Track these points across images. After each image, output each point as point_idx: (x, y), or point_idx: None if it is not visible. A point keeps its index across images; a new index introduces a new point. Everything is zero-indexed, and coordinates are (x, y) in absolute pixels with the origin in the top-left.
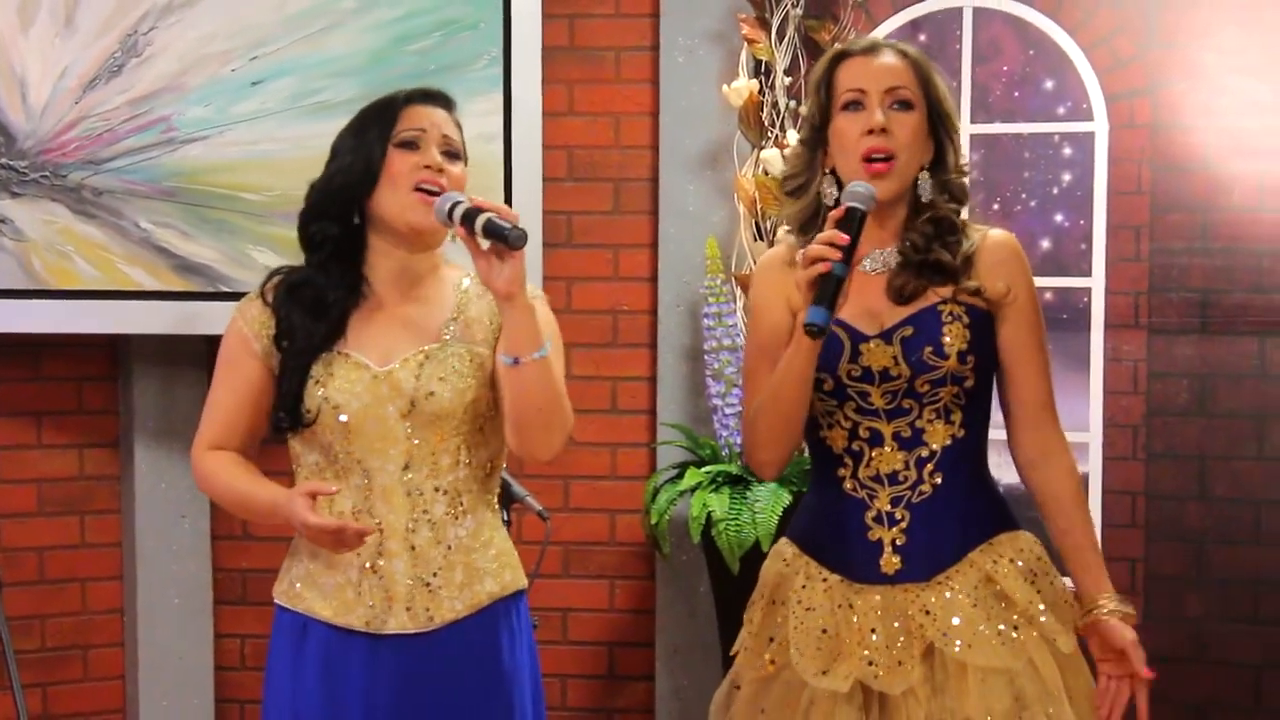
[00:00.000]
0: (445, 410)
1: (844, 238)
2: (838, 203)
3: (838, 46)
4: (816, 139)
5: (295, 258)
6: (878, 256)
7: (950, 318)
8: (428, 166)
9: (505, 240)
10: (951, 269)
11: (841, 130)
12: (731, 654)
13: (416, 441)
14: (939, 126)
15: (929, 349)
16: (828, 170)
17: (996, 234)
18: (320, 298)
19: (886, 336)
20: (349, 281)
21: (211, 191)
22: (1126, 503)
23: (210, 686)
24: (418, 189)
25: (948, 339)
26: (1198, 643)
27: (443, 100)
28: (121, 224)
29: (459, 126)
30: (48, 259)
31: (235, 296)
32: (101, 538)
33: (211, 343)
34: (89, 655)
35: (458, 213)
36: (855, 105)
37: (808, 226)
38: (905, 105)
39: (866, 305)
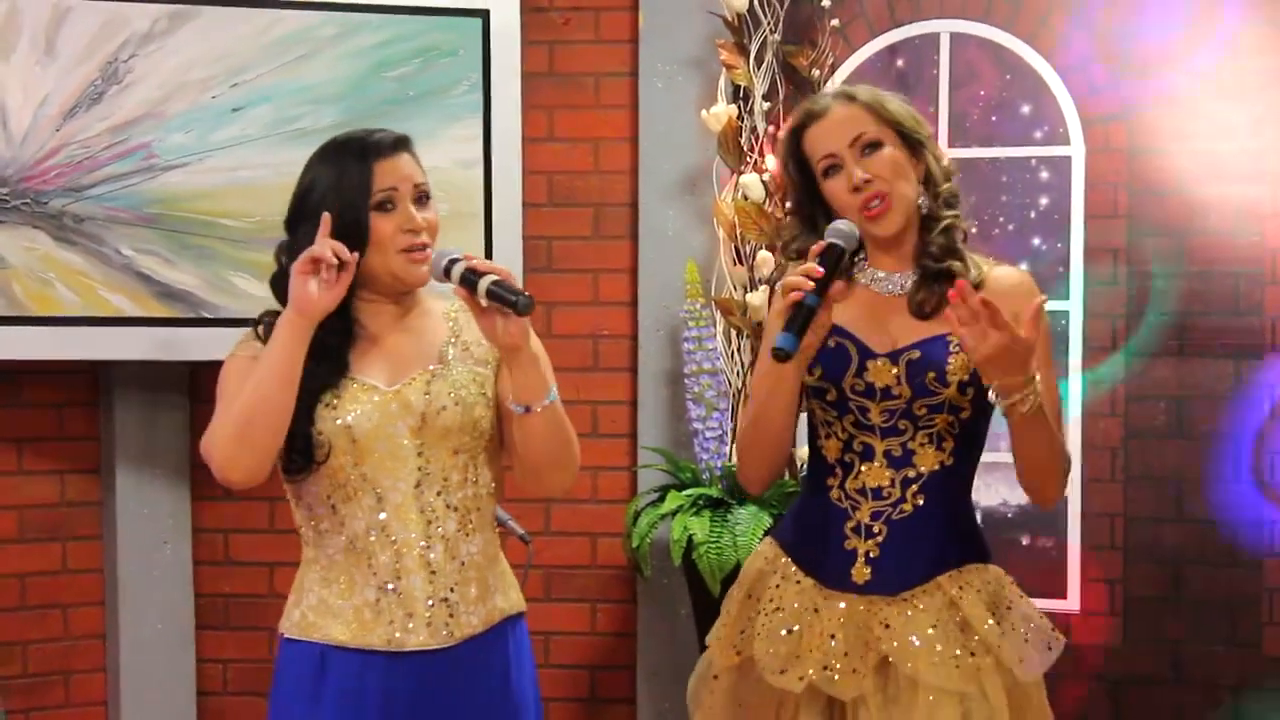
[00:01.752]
0: (455, 425)
1: (819, 271)
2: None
3: (790, 121)
4: (809, 207)
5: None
6: (895, 280)
7: (958, 348)
8: (410, 230)
9: (515, 309)
10: (965, 277)
11: (832, 194)
12: (707, 641)
13: (426, 459)
14: (914, 145)
15: (932, 374)
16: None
17: (1008, 271)
18: (318, 342)
19: (894, 357)
20: (341, 325)
21: (192, 218)
22: (1105, 524)
23: (193, 712)
24: (405, 252)
25: (951, 367)
26: (1175, 664)
27: (404, 144)
28: (103, 251)
29: (418, 161)
30: (29, 286)
31: (216, 323)
32: (83, 563)
33: (194, 369)
34: (71, 681)
35: (455, 272)
36: (834, 169)
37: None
38: (874, 146)
39: (882, 325)
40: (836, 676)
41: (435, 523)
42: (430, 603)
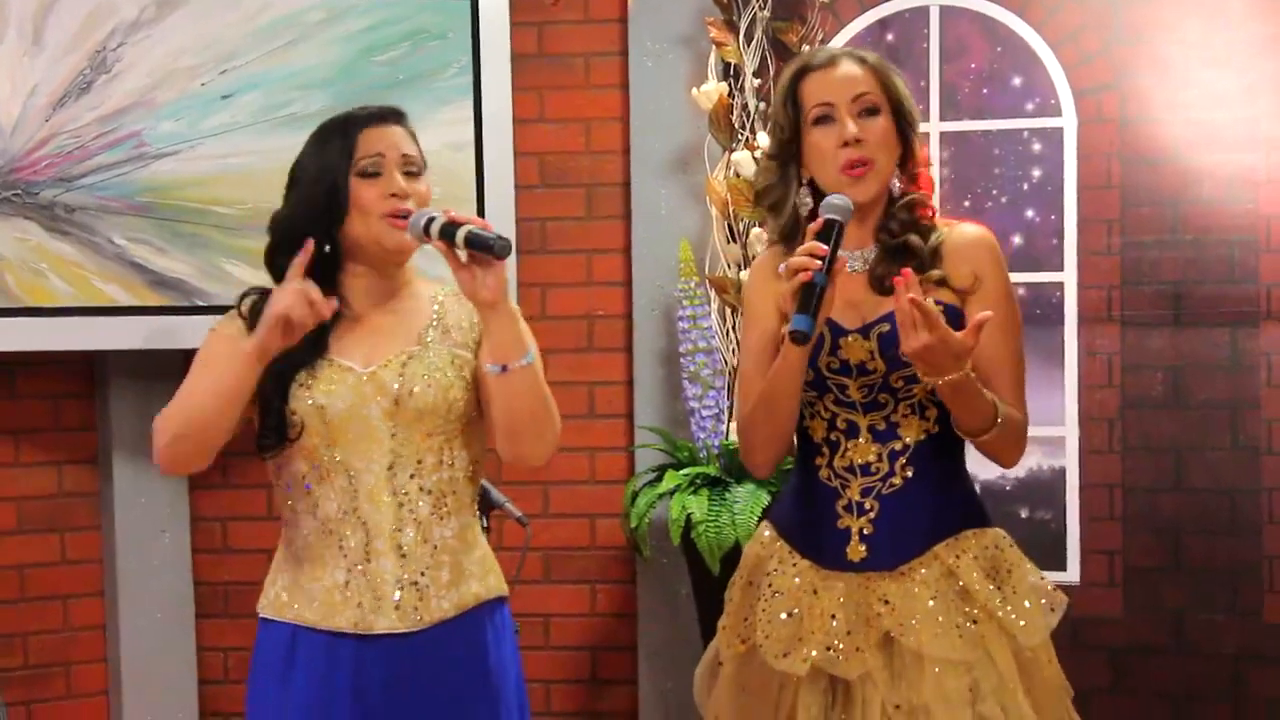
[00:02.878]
0: (429, 407)
1: (823, 249)
2: (814, 214)
3: (797, 62)
4: (788, 153)
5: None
6: (859, 255)
7: None
8: (394, 195)
9: (491, 250)
10: (921, 252)
11: (816, 144)
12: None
13: (400, 441)
14: (904, 125)
15: None
16: (804, 181)
17: (967, 227)
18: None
19: (865, 331)
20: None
21: (184, 206)
22: (1104, 495)
23: (194, 700)
24: (387, 216)
25: None
26: (1177, 633)
27: (395, 117)
28: (95, 240)
29: (414, 137)
30: (22, 277)
31: (210, 310)
32: (82, 554)
33: (189, 357)
34: (72, 672)
35: (434, 228)
36: (826, 119)
37: (790, 236)
38: (872, 111)
39: (849, 301)
40: (840, 657)
41: (407, 505)
42: (399, 586)
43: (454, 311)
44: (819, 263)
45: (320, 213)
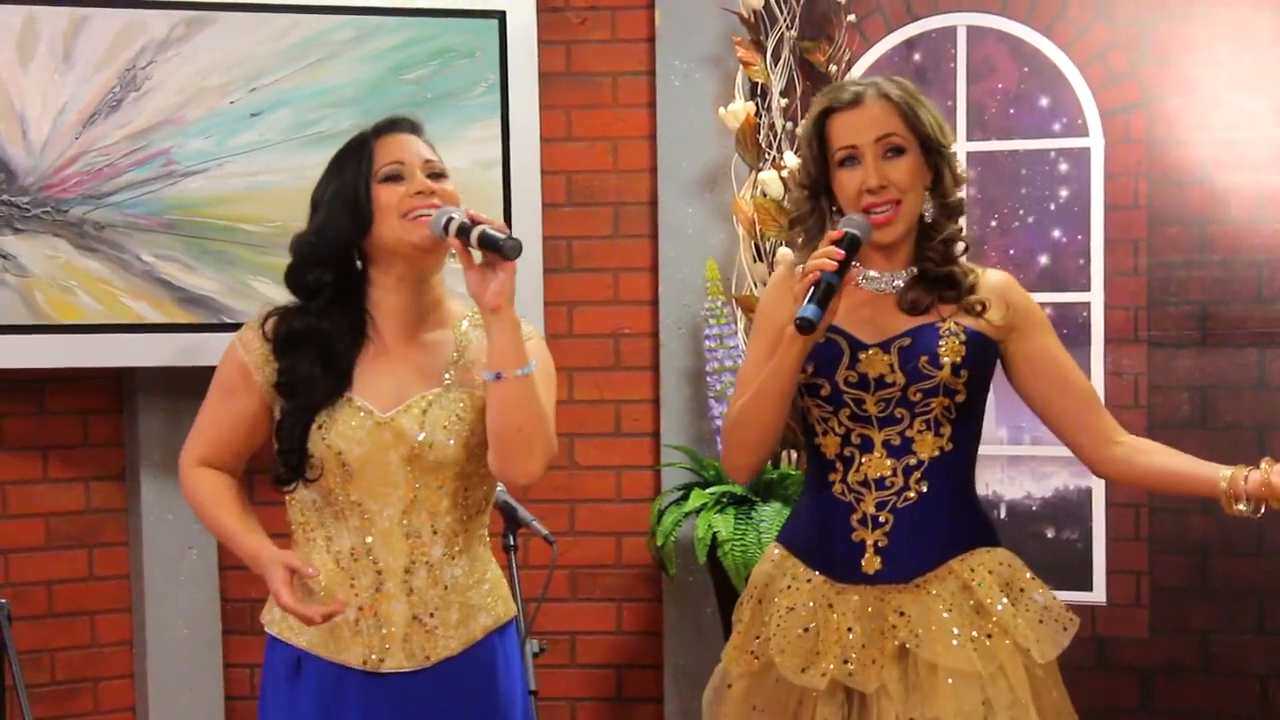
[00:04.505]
0: (449, 459)
1: (840, 252)
2: None
3: (823, 99)
4: (818, 187)
5: None
6: (888, 278)
7: (948, 333)
8: (419, 192)
9: (500, 250)
10: (962, 285)
11: (843, 184)
12: (722, 655)
13: (418, 486)
14: (933, 153)
15: (924, 358)
16: (835, 210)
17: (994, 273)
18: (328, 349)
19: (885, 346)
20: (354, 324)
21: (212, 223)
22: (1130, 515)
23: (221, 716)
24: (409, 215)
25: (943, 350)
26: (1204, 654)
27: (409, 126)
28: (124, 258)
29: (430, 145)
30: (51, 294)
31: (238, 328)
32: (109, 570)
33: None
34: (99, 688)
35: (453, 226)
36: (851, 161)
37: None
38: (898, 151)
39: (866, 318)
40: (855, 669)
41: (420, 548)
42: (408, 627)
43: (474, 346)
44: (834, 264)
45: (346, 224)
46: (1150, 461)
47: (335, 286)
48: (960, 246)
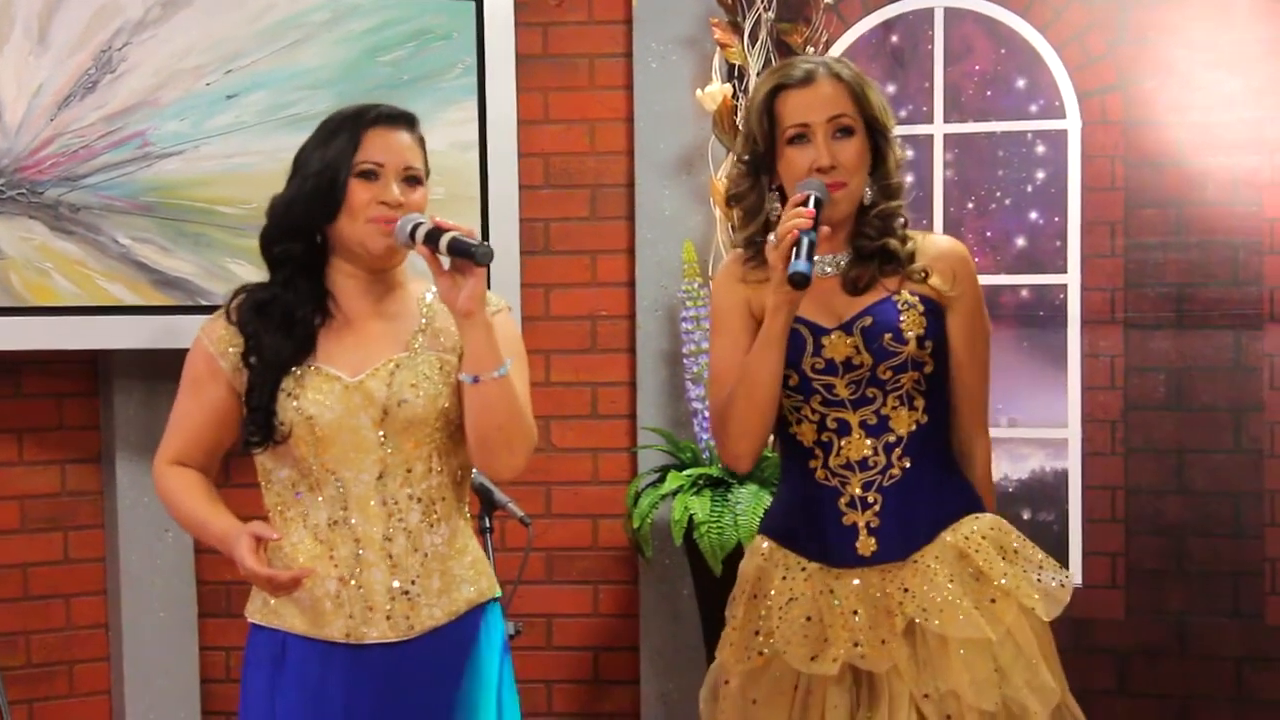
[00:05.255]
0: (418, 417)
1: (811, 210)
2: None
3: (774, 76)
4: (761, 164)
5: None
6: (830, 260)
7: (906, 306)
8: (384, 203)
9: (472, 257)
10: (899, 254)
11: (790, 161)
12: (716, 653)
13: (390, 450)
14: (877, 136)
15: (888, 335)
16: (774, 188)
17: (939, 237)
18: (288, 314)
19: (847, 328)
20: (316, 297)
21: (188, 206)
22: (1106, 497)
23: (196, 699)
24: (374, 220)
25: (905, 323)
26: (1180, 636)
27: (405, 121)
28: (99, 240)
29: (422, 143)
30: (26, 276)
31: (214, 310)
32: (85, 553)
33: None
34: (74, 671)
35: (420, 234)
36: (801, 139)
37: (758, 242)
38: (847, 132)
39: (824, 303)
40: (866, 652)
41: (397, 514)
42: (390, 595)
43: (442, 315)
44: (809, 222)
45: (316, 206)
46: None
47: (300, 260)
48: (900, 220)
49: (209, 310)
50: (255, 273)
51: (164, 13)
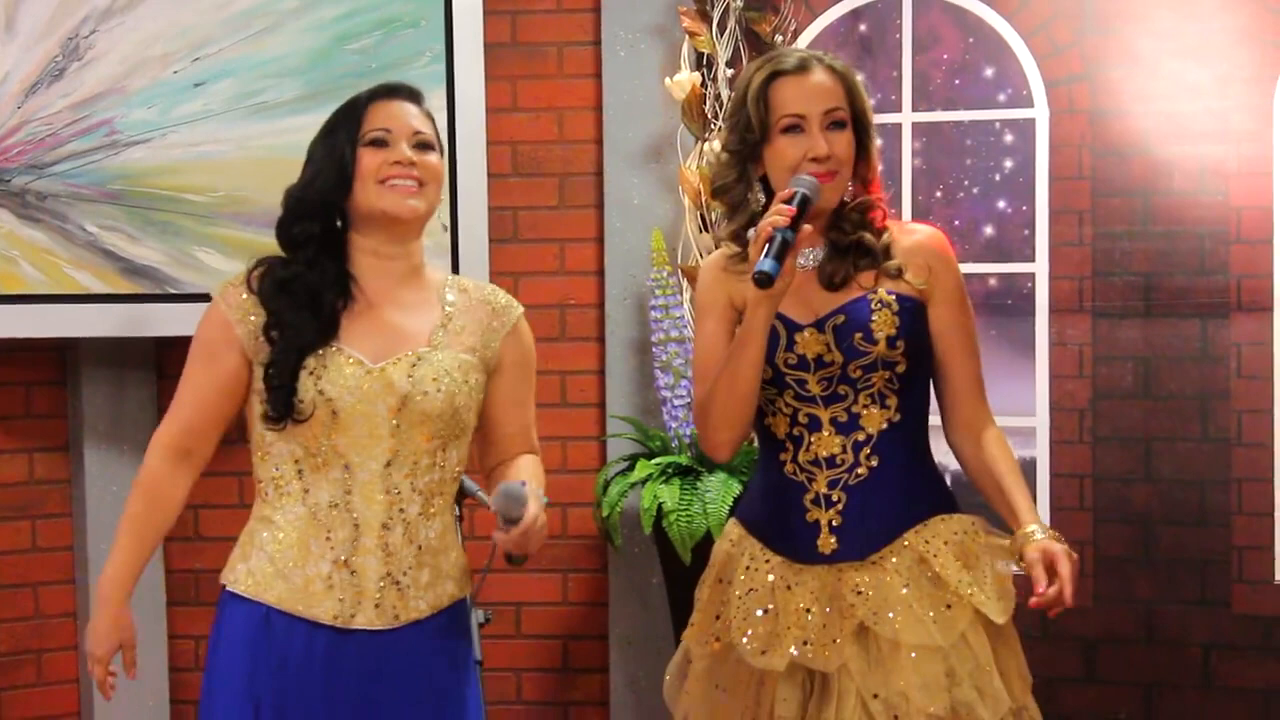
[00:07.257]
0: (435, 411)
1: (792, 209)
2: (767, 207)
3: (769, 63)
4: (750, 153)
5: (240, 259)
6: (809, 254)
7: (879, 305)
8: (397, 162)
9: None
10: (874, 249)
11: (783, 151)
12: (683, 636)
13: (401, 440)
14: (863, 135)
15: (859, 335)
16: (757, 178)
17: (919, 228)
18: (314, 293)
19: (819, 325)
20: (339, 279)
21: (156, 194)
22: (1074, 486)
23: (165, 688)
24: (385, 181)
25: (876, 323)
26: (1147, 624)
27: (408, 93)
28: (67, 228)
29: (430, 118)
30: None
31: (183, 298)
32: (52, 542)
33: (160, 344)
34: (43, 659)
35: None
36: (796, 129)
37: (744, 236)
38: (840, 125)
39: (801, 298)
40: (813, 651)
41: (398, 504)
42: (381, 584)
43: (463, 314)
44: (787, 220)
45: (330, 182)
46: (981, 466)
47: (321, 240)
48: (878, 213)
49: (178, 299)
50: (223, 261)
51: (131, 1)
